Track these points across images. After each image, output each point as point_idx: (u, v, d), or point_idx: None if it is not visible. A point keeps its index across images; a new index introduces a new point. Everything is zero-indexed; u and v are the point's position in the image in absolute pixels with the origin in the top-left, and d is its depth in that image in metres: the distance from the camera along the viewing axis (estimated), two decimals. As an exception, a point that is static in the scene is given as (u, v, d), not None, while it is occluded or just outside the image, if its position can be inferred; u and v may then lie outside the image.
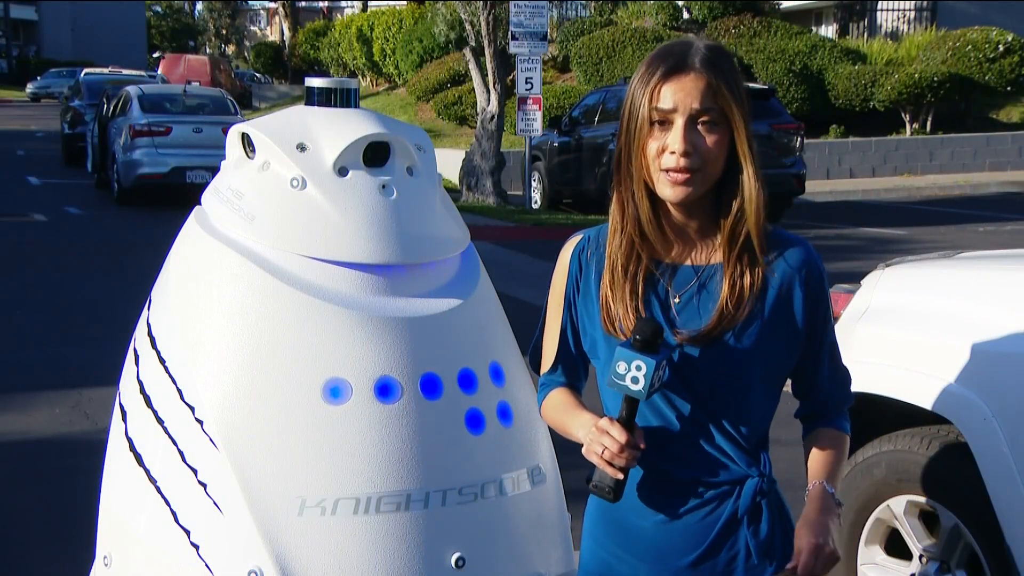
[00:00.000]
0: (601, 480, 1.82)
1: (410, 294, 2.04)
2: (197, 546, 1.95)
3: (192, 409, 1.97)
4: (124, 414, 2.12)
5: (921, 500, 3.04)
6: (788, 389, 2.02)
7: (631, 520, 1.93)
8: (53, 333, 8.05)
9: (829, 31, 28.43)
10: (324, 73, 33.40)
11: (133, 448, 2.07)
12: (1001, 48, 21.74)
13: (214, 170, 2.29)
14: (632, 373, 1.76)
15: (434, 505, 1.97)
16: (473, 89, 19.19)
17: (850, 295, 3.37)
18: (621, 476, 1.80)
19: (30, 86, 48.51)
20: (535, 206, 17.00)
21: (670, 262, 1.91)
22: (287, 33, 47.34)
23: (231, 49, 76.32)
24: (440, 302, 2.06)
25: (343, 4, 57.79)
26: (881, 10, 27.94)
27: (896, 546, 3.19)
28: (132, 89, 17.16)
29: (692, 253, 1.91)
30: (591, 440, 1.80)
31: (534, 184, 17.32)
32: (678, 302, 1.89)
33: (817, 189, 18.51)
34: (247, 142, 2.12)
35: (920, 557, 3.08)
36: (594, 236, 1.98)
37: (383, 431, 1.94)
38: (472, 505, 2.01)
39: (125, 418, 2.11)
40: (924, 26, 26.48)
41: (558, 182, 16.86)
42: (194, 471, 1.96)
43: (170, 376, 2.02)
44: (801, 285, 1.89)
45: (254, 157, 2.10)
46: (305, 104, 2.17)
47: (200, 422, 1.96)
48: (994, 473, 2.74)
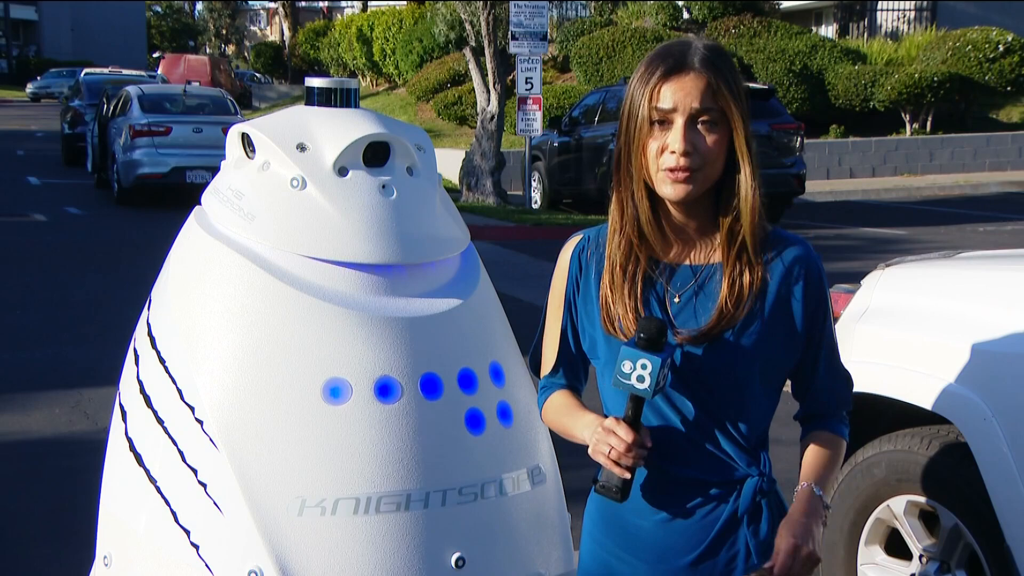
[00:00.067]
0: (608, 480, 1.82)
1: (410, 294, 2.04)
2: (197, 546, 1.95)
3: (192, 409, 1.97)
4: (124, 414, 2.12)
5: (921, 500, 3.04)
6: (788, 389, 2.02)
7: (631, 520, 1.93)
8: (53, 333, 8.04)
9: (829, 31, 28.44)
10: (324, 73, 33.39)
11: (133, 448, 2.07)
12: (1001, 48, 21.75)
13: (214, 170, 2.29)
14: (638, 372, 1.76)
15: (434, 505, 1.97)
16: (473, 89, 19.19)
17: (850, 295, 3.37)
18: (628, 475, 1.80)
19: (30, 86, 48.50)
20: (535, 206, 17.00)
21: (669, 262, 1.91)
22: (287, 33, 47.37)
23: (231, 49, 76.31)
24: (440, 302, 2.06)
25: (343, 4, 57.82)
26: (881, 10, 27.95)
27: (896, 546, 3.19)
28: (132, 89, 17.17)
29: (691, 253, 1.91)
30: (597, 440, 1.80)
31: (534, 184, 17.32)
32: (677, 302, 1.89)
33: (817, 189, 18.52)
34: (247, 142, 2.12)
35: (920, 557, 3.08)
36: (594, 236, 1.98)
37: (383, 431, 1.94)
38: (472, 505, 2.01)
39: (125, 418, 2.11)
40: (924, 26, 26.49)
41: (558, 182, 16.86)
42: (194, 471, 1.96)
43: (170, 376, 2.02)
44: (800, 285, 1.89)
45: (254, 157, 2.10)
46: (305, 104, 2.17)
47: (200, 422, 1.96)
48: (994, 473, 2.74)
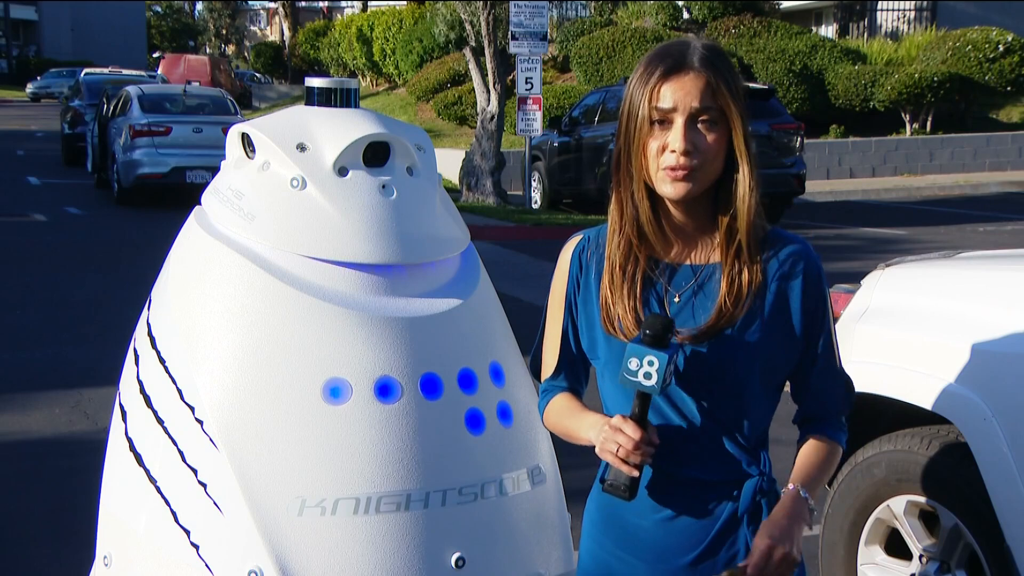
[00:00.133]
0: (616, 479, 1.81)
1: (410, 294, 2.04)
2: (197, 546, 1.95)
3: (192, 409, 1.97)
4: (124, 414, 2.12)
5: (921, 500, 3.04)
6: (789, 390, 2.01)
7: (630, 519, 1.93)
8: (53, 333, 8.04)
9: (829, 31, 28.44)
10: (324, 73, 33.39)
11: (133, 448, 2.07)
12: (1001, 48, 21.75)
13: (214, 170, 2.29)
14: (644, 369, 1.76)
15: (434, 505, 1.96)
16: (473, 89, 19.19)
17: (850, 295, 3.37)
18: (636, 473, 1.80)
19: (30, 86, 48.50)
20: (535, 206, 17.00)
21: (670, 262, 1.91)
22: (287, 33, 47.37)
23: (231, 49, 76.31)
24: (440, 302, 2.06)
25: (343, 4, 57.83)
26: (881, 10, 27.95)
27: (896, 546, 3.19)
28: (132, 89, 17.17)
29: (691, 253, 1.91)
30: (605, 439, 1.80)
31: (534, 184, 17.32)
32: (677, 301, 1.89)
33: (817, 189, 18.52)
34: (247, 142, 2.12)
35: (920, 557, 3.08)
36: (594, 236, 1.98)
37: (383, 431, 1.94)
38: (472, 505, 2.01)
39: (125, 418, 2.11)
40: (924, 26, 26.49)
41: (558, 182, 16.85)
42: (194, 471, 1.96)
43: (170, 376, 2.02)
44: (799, 284, 1.89)
45: (254, 157, 2.10)
46: (305, 104, 2.17)
47: (200, 422, 1.96)
48: (994, 473, 2.74)
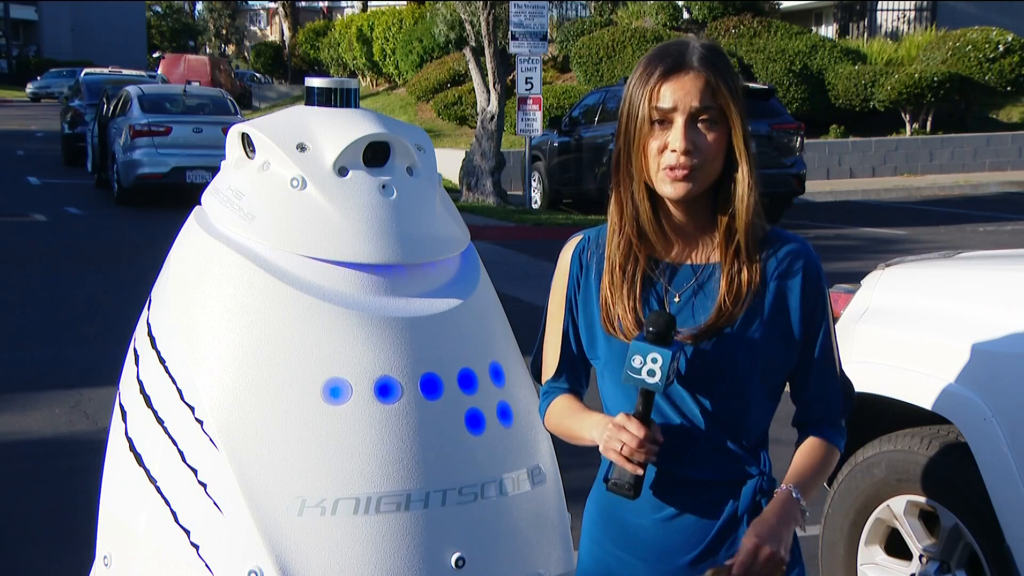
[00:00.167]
0: (620, 477, 1.81)
1: (410, 294, 2.04)
2: (197, 546, 1.95)
3: (192, 409, 1.97)
4: (124, 414, 2.12)
5: (921, 500, 3.04)
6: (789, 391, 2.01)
7: (630, 519, 1.93)
8: (53, 333, 8.04)
9: (829, 31, 28.44)
10: (324, 73, 33.39)
11: (133, 448, 2.07)
12: (1001, 48, 21.75)
13: (214, 170, 2.29)
14: (648, 366, 1.75)
15: (434, 505, 1.96)
16: (473, 89, 19.19)
17: (850, 295, 3.37)
18: (641, 471, 1.80)
19: (30, 86, 48.49)
20: (535, 206, 17.00)
21: (670, 261, 1.92)
22: (287, 33, 47.37)
23: (231, 49, 76.30)
24: (440, 302, 2.06)
25: (343, 4, 57.84)
26: (881, 10, 27.95)
27: (896, 546, 3.19)
28: (132, 89, 17.17)
29: (691, 252, 1.92)
30: (609, 437, 1.80)
31: (534, 184, 17.32)
32: (677, 301, 1.89)
33: (817, 189, 18.52)
34: (247, 142, 2.12)
35: (920, 557, 3.08)
36: (594, 236, 1.98)
37: (383, 431, 1.94)
38: (472, 505, 2.01)
39: (125, 418, 2.11)
40: (924, 26, 26.49)
41: (558, 182, 16.85)
42: (194, 471, 1.96)
43: (170, 376, 2.02)
44: (798, 283, 1.89)
45: (254, 157, 2.10)
46: (305, 104, 2.17)
47: (200, 422, 1.96)
48: (994, 473, 2.74)
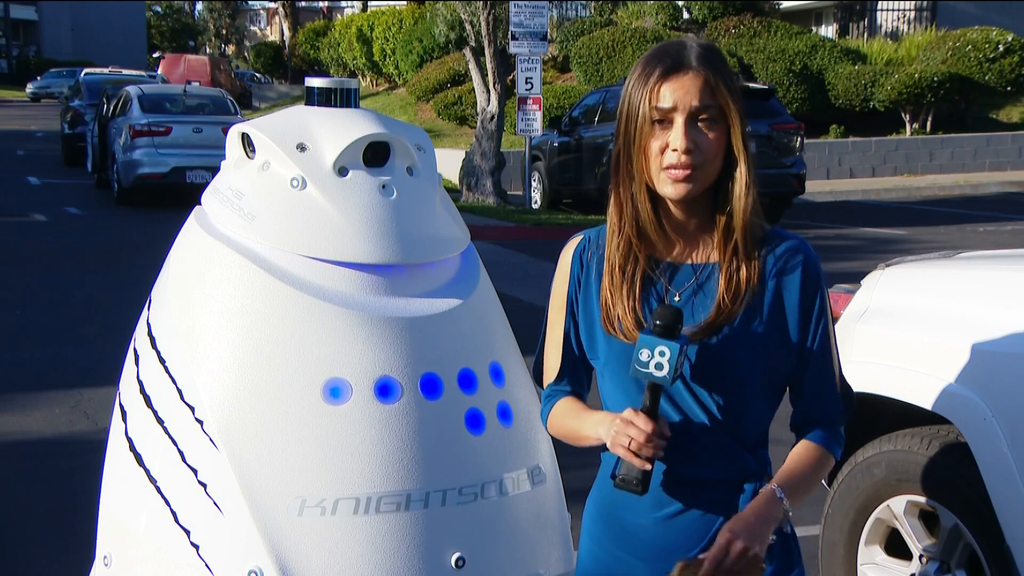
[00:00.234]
0: (628, 473, 1.81)
1: (410, 294, 2.04)
2: (197, 546, 1.95)
3: (192, 409, 1.97)
4: (124, 414, 2.12)
5: (921, 500, 3.04)
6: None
7: (630, 519, 1.93)
8: (53, 333, 8.04)
9: (829, 31, 28.44)
10: (324, 73, 33.39)
11: (133, 448, 2.07)
12: (1001, 48, 21.75)
13: (214, 170, 2.29)
14: (656, 359, 1.75)
15: (434, 505, 1.96)
16: (473, 89, 19.18)
17: (850, 295, 3.37)
18: (648, 467, 1.79)
19: (30, 86, 48.49)
20: (535, 206, 17.00)
21: (670, 261, 1.92)
22: (287, 33, 47.37)
23: (231, 49, 76.30)
24: (440, 302, 2.06)
25: (343, 4, 57.84)
26: (881, 10, 27.94)
27: (896, 546, 3.19)
28: (132, 89, 17.17)
29: (691, 252, 1.92)
30: (616, 432, 1.79)
31: (534, 184, 17.32)
32: (678, 300, 1.89)
33: (817, 189, 18.52)
34: (247, 142, 2.12)
35: (920, 557, 3.08)
36: (594, 237, 1.99)
37: (383, 431, 1.94)
38: (472, 505, 2.01)
39: (125, 418, 2.11)
40: (924, 26, 26.49)
41: (558, 182, 16.86)
42: (194, 471, 1.96)
43: (170, 376, 2.02)
44: (796, 282, 1.89)
45: (254, 157, 2.10)
46: (305, 104, 2.17)
47: (200, 422, 1.96)
48: (994, 473, 2.74)
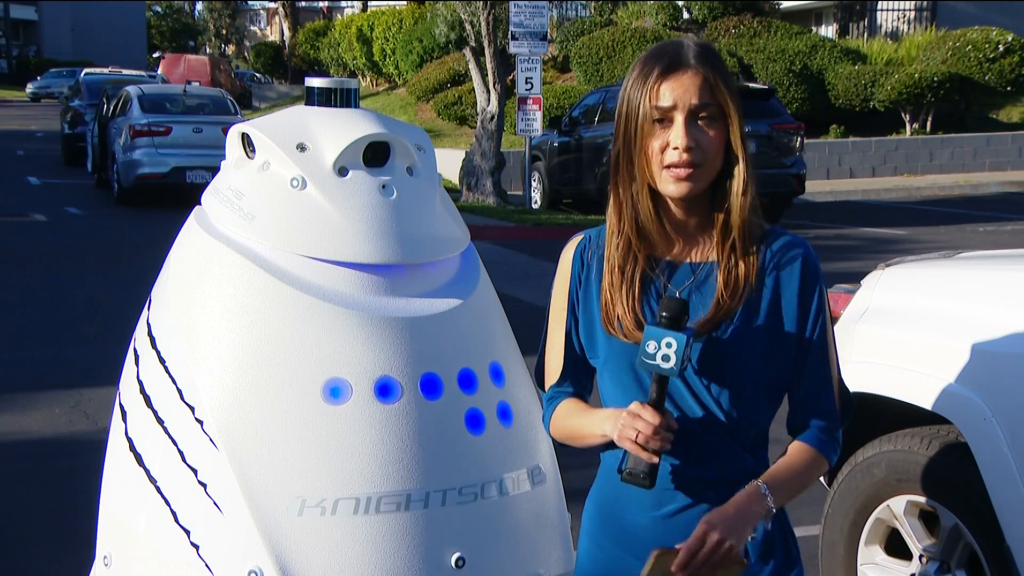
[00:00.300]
0: (636, 466, 1.80)
1: (410, 294, 2.04)
2: (197, 546, 1.95)
3: (192, 409, 1.97)
4: (124, 414, 2.12)
5: (921, 500, 3.04)
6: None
7: (629, 518, 1.93)
8: (53, 333, 8.04)
9: (829, 31, 28.44)
10: (324, 73, 33.39)
11: (133, 448, 2.07)
12: (1001, 48, 21.75)
13: (214, 170, 2.29)
14: (663, 351, 1.75)
15: (434, 505, 1.96)
16: (473, 89, 19.18)
17: (850, 295, 3.37)
18: (656, 460, 1.79)
19: (30, 86, 48.49)
20: (535, 206, 17.00)
21: (669, 260, 1.92)
22: (287, 33, 47.37)
23: (231, 49, 76.29)
24: (440, 302, 2.06)
25: (343, 4, 57.85)
26: (881, 10, 27.94)
27: (896, 546, 3.19)
28: (132, 89, 17.18)
29: (691, 250, 1.92)
30: (623, 426, 1.79)
31: (534, 184, 17.32)
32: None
33: (817, 189, 18.52)
34: (247, 142, 2.12)
35: (920, 557, 3.08)
36: (595, 236, 1.99)
37: (383, 431, 1.94)
38: (472, 505, 2.01)
39: (125, 418, 2.11)
40: (924, 26, 26.49)
41: (558, 182, 16.86)
42: (194, 471, 1.96)
43: (170, 376, 2.02)
44: (795, 281, 1.89)
45: (254, 157, 2.10)
46: (305, 104, 2.17)
47: (200, 422, 1.96)
48: (994, 473, 2.74)
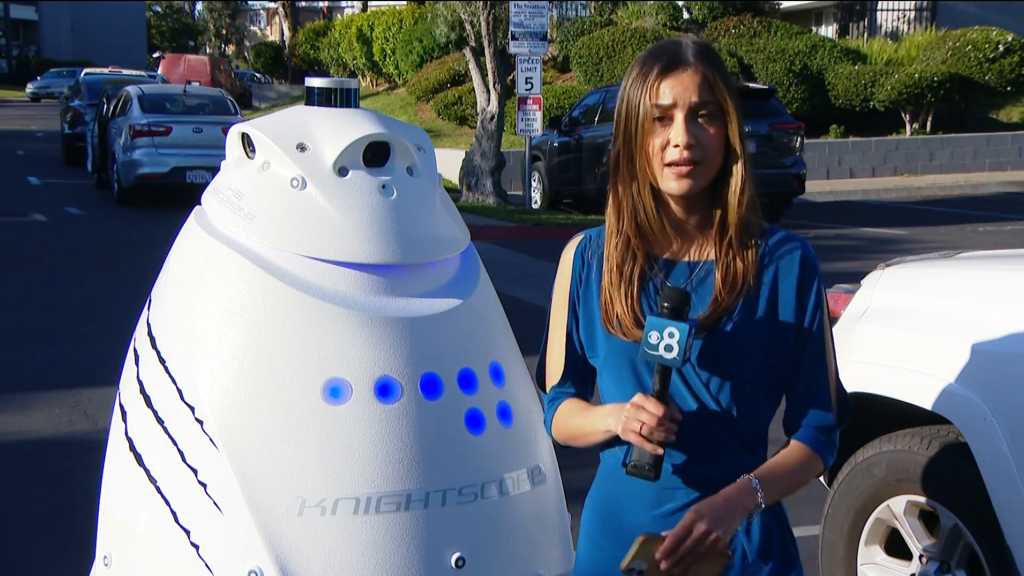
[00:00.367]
0: (640, 458, 1.80)
1: (410, 294, 2.04)
2: (197, 546, 1.95)
3: (192, 409, 1.97)
4: (124, 414, 2.12)
5: (921, 500, 3.04)
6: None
7: (628, 517, 1.93)
8: (53, 333, 8.04)
9: (829, 31, 28.44)
10: (324, 73, 33.39)
11: (133, 448, 2.07)
12: (1001, 48, 21.75)
13: (214, 170, 2.29)
14: (665, 341, 1.75)
15: (434, 505, 1.96)
16: (473, 89, 19.18)
17: (850, 295, 3.37)
18: (660, 451, 1.79)
19: (30, 86, 48.49)
20: (535, 206, 17.00)
21: (668, 258, 1.93)
22: (287, 33, 47.37)
23: (231, 49, 76.29)
24: (440, 302, 2.06)
25: (343, 4, 57.85)
26: (881, 10, 27.94)
27: (896, 546, 3.19)
28: (132, 89, 17.17)
29: (690, 249, 1.93)
30: (627, 418, 1.79)
31: (534, 184, 17.32)
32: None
33: (817, 189, 18.51)
34: (247, 142, 2.12)
35: (920, 557, 3.08)
36: (595, 236, 1.99)
37: (383, 431, 1.94)
38: (472, 505, 2.01)
39: (125, 418, 2.11)
40: (924, 26, 26.48)
41: (558, 182, 16.86)
42: (194, 471, 1.96)
43: (170, 376, 2.02)
44: (794, 278, 1.90)
45: (254, 157, 2.10)
46: (305, 104, 2.17)
47: (200, 422, 1.96)
48: (994, 473, 2.74)
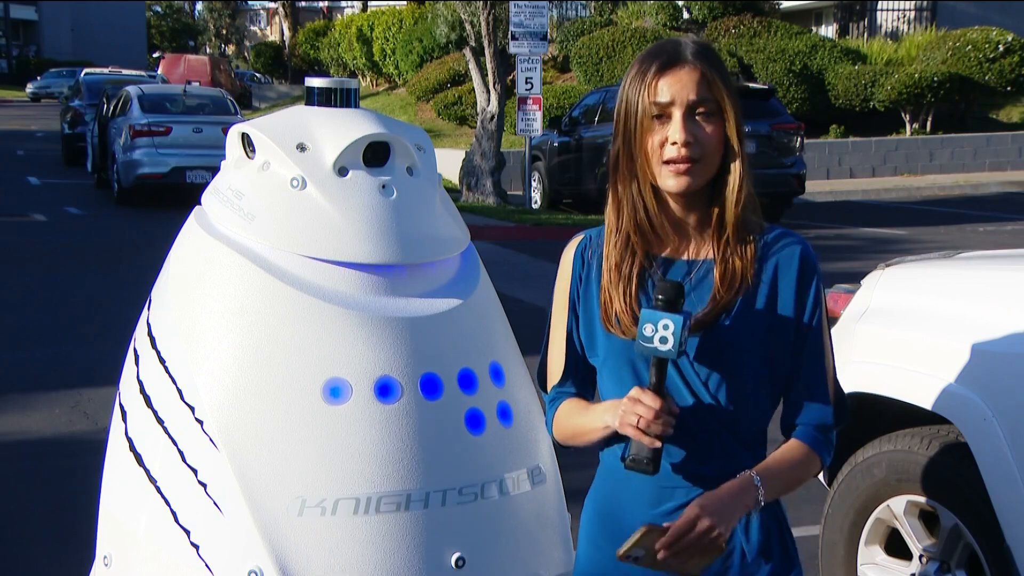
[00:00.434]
0: (639, 452, 1.80)
1: (410, 294, 2.04)
2: (197, 546, 1.95)
3: (192, 409, 1.97)
4: (124, 414, 2.12)
5: (921, 500, 3.04)
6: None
7: (628, 517, 1.93)
8: (53, 333, 8.04)
9: (829, 31, 28.44)
10: (324, 73, 33.39)
11: (133, 448, 2.07)
12: (1001, 48, 21.75)
13: (214, 170, 2.29)
14: (660, 333, 1.75)
15: (434, 505, 1.96)
16: (473, 89, 19.19)
17: (850, 295, 3.37)
18: (658, 444, 1.79)
19: (30, 86, 48.49)
20: (535, 206, 17.00)
21: (666, 256, 1.93)
22: (287, 33, 47.38)
23: (231, 49, 76.30)
24: (440, 302, 2.06)
25: (343, 4, 57.86)
26: (881, 10, 27.95)
27: (896, 546, 3.19)
28: (132, 89, 17.18)
29: (688, 248, 1.93)
30: (624, 412, 1.79)
31: (534, 184, 17.32)
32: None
33: (817, 189, 18.52)
34: (247, 142, 2.12)
35: (920, 557, 3.08)
36: (595, 235, 2.00)
37: (383, 431, 1.94)
38: (472, 505, 2.01)
39: (125, 418, 2.11)
40: (924, 26, 26.49)
41: (558, 182, 16.86)
42: (194, 471, 1.96)
43: (170, 376, 2.02)
44: (793, 276, 1.90)
45: (254, 157, 2.10)
46: (305, 104, 2.17)
47: (200, 422, 1.96)
48: (994, 473, 2.74)
